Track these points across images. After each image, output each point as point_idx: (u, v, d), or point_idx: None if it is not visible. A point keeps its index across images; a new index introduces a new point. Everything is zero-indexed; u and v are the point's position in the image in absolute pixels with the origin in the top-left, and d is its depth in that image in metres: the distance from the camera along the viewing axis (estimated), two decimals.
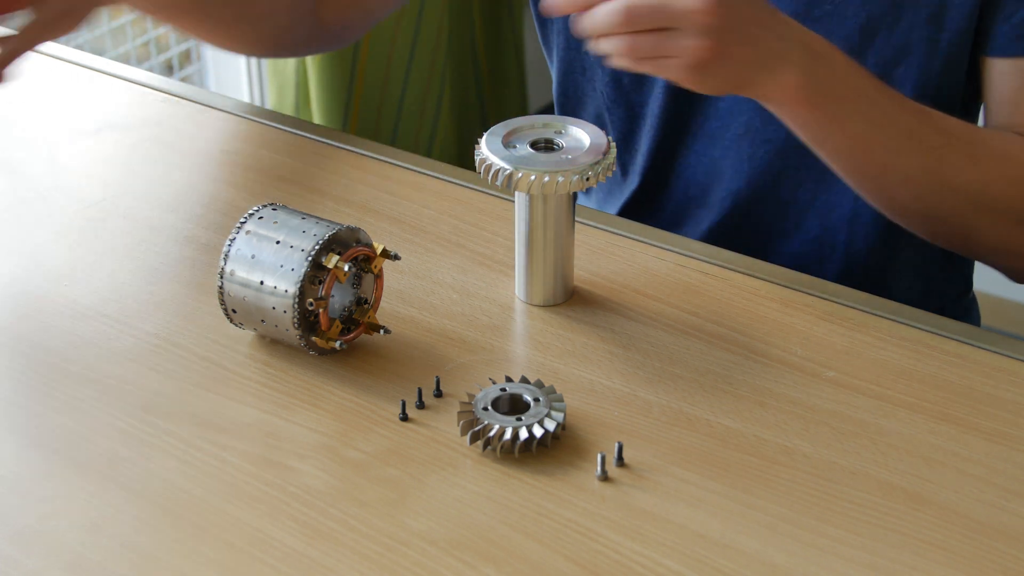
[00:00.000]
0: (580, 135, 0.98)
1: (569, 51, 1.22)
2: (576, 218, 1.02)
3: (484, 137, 0.97)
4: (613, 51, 0.91)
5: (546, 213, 0.97)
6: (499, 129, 0.98)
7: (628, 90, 1.20)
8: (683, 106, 1.17)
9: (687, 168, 1.20)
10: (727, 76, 0.94)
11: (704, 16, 0.89)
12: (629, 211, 1.24)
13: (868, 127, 1.00)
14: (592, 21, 0.91)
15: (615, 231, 1.09)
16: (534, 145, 0.97)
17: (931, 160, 1.02)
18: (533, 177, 0.94)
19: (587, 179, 0.94)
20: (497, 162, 0.95)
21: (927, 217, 1.06)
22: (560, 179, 0.94)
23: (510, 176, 0.94)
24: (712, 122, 1.17)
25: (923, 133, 1.01)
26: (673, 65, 0.92)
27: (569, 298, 1.01)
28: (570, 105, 1.25)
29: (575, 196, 0.98)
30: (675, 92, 1.16)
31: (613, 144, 0.97)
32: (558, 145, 0.97)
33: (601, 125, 1.23)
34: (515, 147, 0.97)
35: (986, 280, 1.34)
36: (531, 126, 0.99)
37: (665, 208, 1.23)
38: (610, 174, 0.96)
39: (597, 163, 0.95)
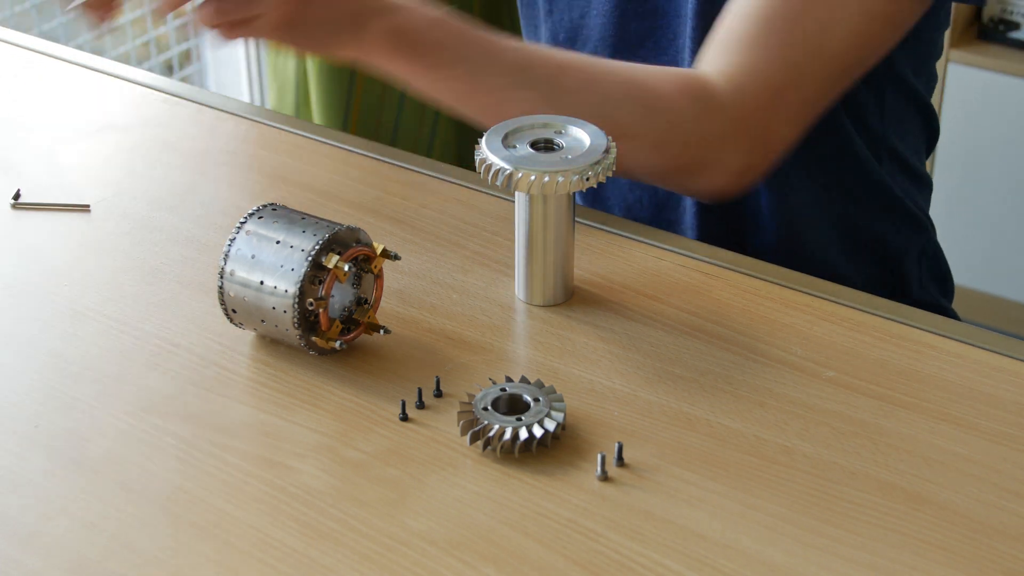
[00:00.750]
0: (580, 135, 0.98)
1: (524, 6, 1.26)
2: (576, 218, 1.02)
3: (484, 137, 0.97)
4: (205, 21, 0.98)
5: (546, 213, 0.97)
6: (499, 129, 0.98)
7: (562, 46, 1.22)
8: None
9: None
10: (310, 35, 1.02)
11: None
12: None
13: (474, 67, 1.04)
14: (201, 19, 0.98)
15: (615, 231, 1.09)
16: (534, 145, 0.97)
17: (547, 89, 1.04)
18: (533, 177, 0.94)
19: (587, 179, 0.94)
20: (497, 162, 0.95)
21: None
22: (560, 179, 0.94)
23: (510, 176, 0.94)
24: None
25: (534, 66, 1.05)
26: (259, 25, 0.99)
27: (569, 298, 1.01)
28: None
29: (575, 196, 0.99)
30: (604, 54, 1.19)
31: (613, 144, 0.97)
32: (558, 145, 0.97)
33: None
34: (515, 147, 0.97)
35: (986, 280, 1.34)
36: (531, 126, 0.99)
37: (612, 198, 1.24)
38: (610, 174, 0.96)
39: (597, 163, 0.95)
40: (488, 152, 0.96)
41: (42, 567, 0.79)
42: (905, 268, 1.23)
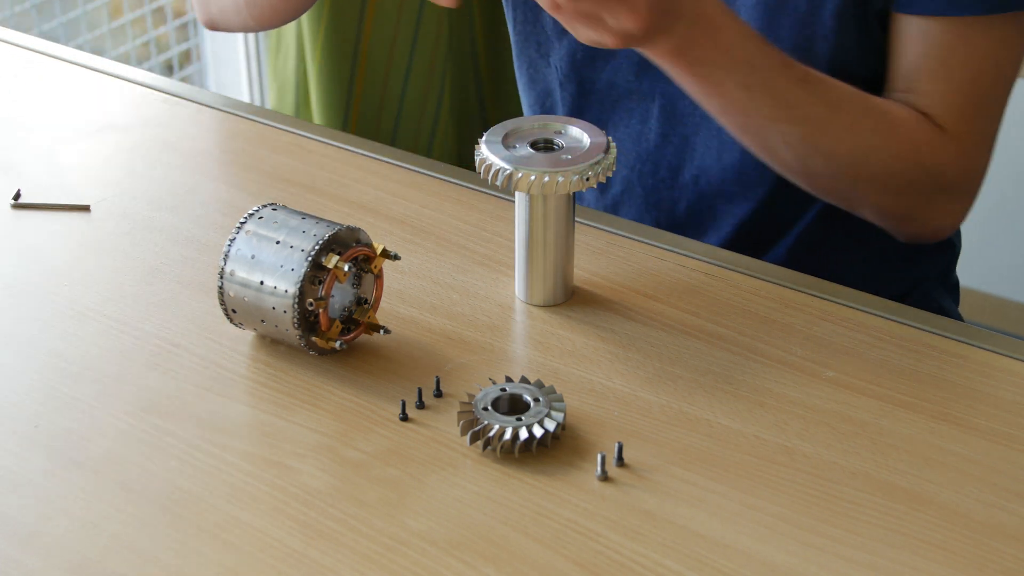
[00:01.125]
0: (580, 135, 0.98)
1: (526, 24, 1.23)
2: (576, 218, 1.02)
3: (484, 137, 0.97)
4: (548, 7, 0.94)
5: (546, 213, 0.97)
6: (499, 129, 0.98)
7: (580, 65, 1.20)
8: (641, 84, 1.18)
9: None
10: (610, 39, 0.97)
11: None
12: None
13: (746, 93, 1.03)
14: None
15: (615, 231, 1.09)
16: (534, 145, 0.97)
17: (810, 129, 1.04)
18: (533, 177, 0.94)
19: (587, 179, 0.94)
20: (497, 162, 0.95)
21: (809, 176, 1.08)
22: (560, 179, 0.94)
23: (510, 176, 0.94)
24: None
25: (805, 104, 1.04)
26: (603, 32, 0.95)
27: (569, 298, 1.01)
28: (524, 79, 1.26)
29: (575, 196, 0.98)
30: (628, 69, 1.18)
31: (613, 144, 0.97)
32: (558, 145, 0.97)
33: (551, 101, 1.24)
34: (515, 147, 0.97)
35: (985, 280, 1.34)
36: (531, 126, 0.99)
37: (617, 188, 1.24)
38: (610, 174, 0.96)
39: (597, 163, 0.95)
40: (488, 152, 0.96)
41: (42, 567, 0.79)
42: (927, 288, 1.24)
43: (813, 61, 1.08)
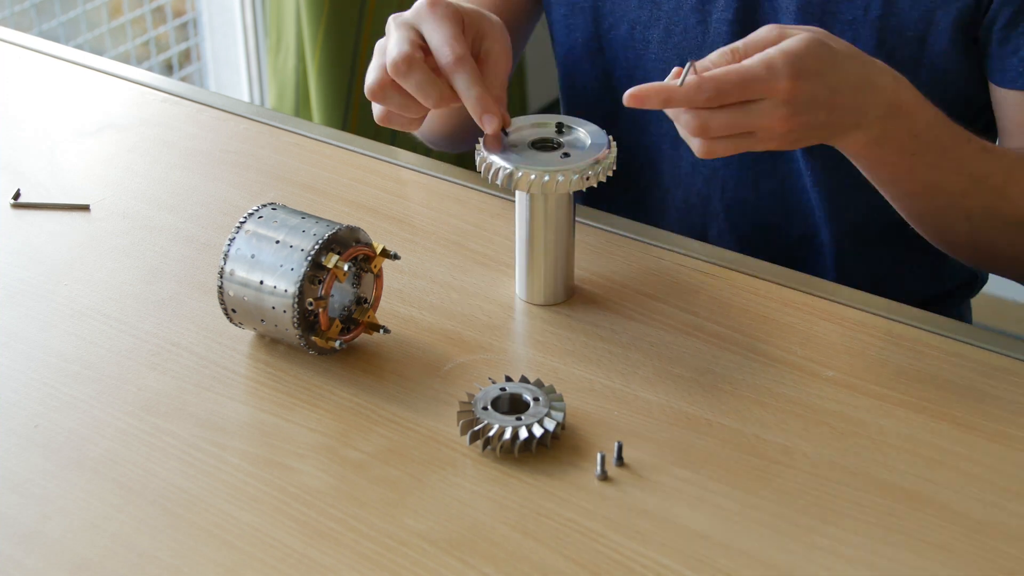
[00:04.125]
0: (581, 134, 0.98)
1: (572, 51, 1.22)
2: (576, 218, 1.02)
3: (484, 137, 0.97)
4: (690, 130, 0.90)
5: (547, 212, 0.97)
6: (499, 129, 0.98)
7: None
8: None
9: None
10: (797, 140, 0.94)
11: (777, 127, 0.90)
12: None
13: (937, 175, 1.01)
14: (677, 98, 0.90)
15: (615, 231, 1.09)
16: (534, 144, 0.97)
17: (994, 199, 1.03)
18: (533, 176, 0.94)
19: (587, 178, 0.94)
20: (497, 161, 0.95)
21: (978, 247, 1.07)
22: (560, 178, 0.94)
23: (510, 175, 0.94)
24: None
25: (989, 174, 1.02)
26: (752, 141, 0.92)
27: (569, 297, 1.01)
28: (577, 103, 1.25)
29: (576, 195, 0.98)
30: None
31: (614, 143, 0.97)
32: (558, 144, 0.97)
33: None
34: (515, 146, 0.97)
35: (988, 280, 1.34)
36: (531, 125, 0.99)
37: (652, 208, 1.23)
38: (611, 173, 0.96)
39: (598, 162, 0.95)
40: (488, 152, 0.96)
41: (42, 567, 0.79)
42: (957, 301, 1.24)
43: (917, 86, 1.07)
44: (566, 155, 0.96)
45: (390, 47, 0.97)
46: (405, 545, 0.80)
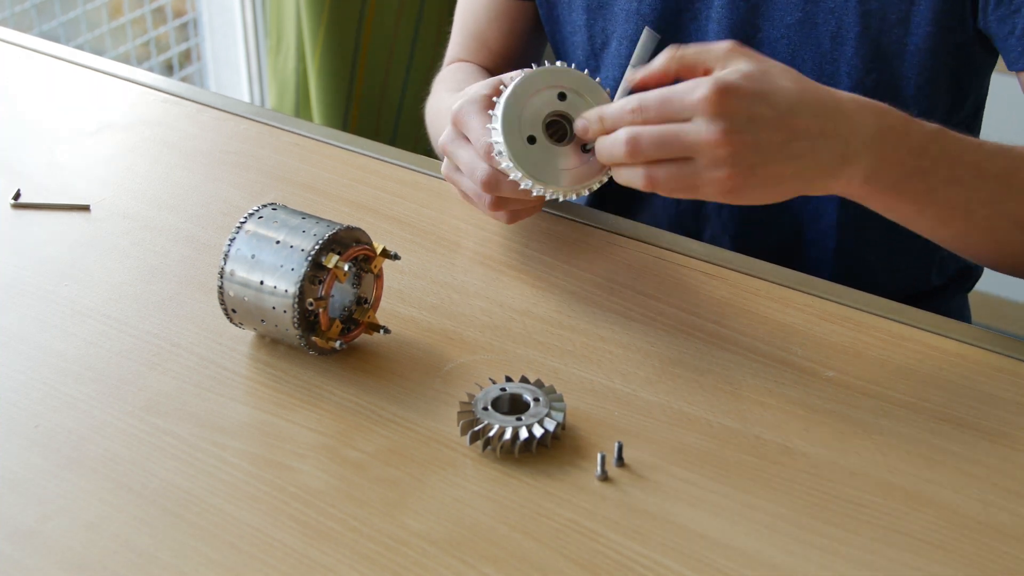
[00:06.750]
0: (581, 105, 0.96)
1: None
2: (576, 218, 1.01)
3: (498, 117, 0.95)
4: (635, 182, 0.89)
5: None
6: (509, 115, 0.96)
7: None
8: None
9: None
10: (773, 193, 0.90)
11: (715, 148, 0.86)
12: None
13: (959, 189, 0.95)
14: (603, 150, 0.90)
15: (615, 231, 1.09)
16: (547, 128, 0.95)
17: None
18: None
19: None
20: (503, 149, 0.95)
21: (1002, 254, 1.02)
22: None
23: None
24: None
25: (1016, 170, 0.97)
26: (705, 193, 0.88)
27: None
28: None
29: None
30: None
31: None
32: (570, 119, 0.95)
33: None
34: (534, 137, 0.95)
35: (986, 280, 1.34)
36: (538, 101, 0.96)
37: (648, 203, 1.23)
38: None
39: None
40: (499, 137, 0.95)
41: (42, 567, 0.79)
42: (951, 295, 1.24)
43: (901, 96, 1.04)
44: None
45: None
46: (405, 545, 0.80)
